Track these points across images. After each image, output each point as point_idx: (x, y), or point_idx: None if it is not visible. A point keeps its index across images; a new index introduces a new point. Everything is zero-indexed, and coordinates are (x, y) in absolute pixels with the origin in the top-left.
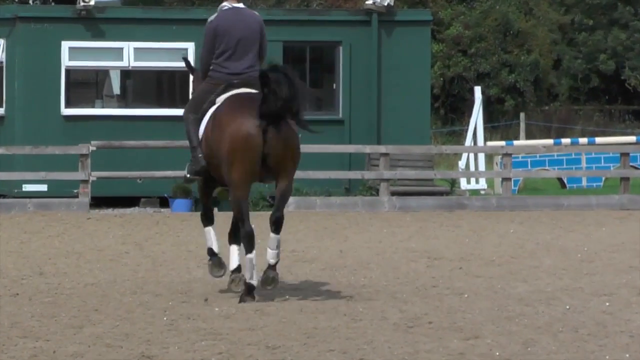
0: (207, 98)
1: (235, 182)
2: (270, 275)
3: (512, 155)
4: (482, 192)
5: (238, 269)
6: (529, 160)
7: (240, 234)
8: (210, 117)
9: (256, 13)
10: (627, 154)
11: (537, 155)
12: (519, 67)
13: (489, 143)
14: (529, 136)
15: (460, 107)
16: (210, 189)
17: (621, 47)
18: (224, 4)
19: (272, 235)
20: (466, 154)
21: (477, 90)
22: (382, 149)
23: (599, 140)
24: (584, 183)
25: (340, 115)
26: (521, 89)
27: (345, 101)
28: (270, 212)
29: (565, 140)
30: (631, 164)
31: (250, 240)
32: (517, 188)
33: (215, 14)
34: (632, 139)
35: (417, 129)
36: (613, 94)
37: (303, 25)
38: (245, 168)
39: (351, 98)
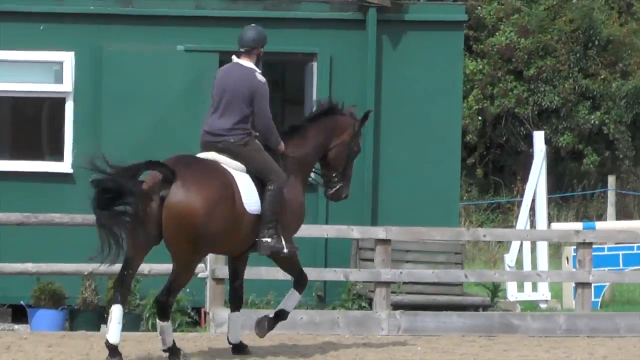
0: None
1: None
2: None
3: (594, 246)
4: (544, 305)
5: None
6: (620, 254)
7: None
8: None
9: (257, 72)
10: None
11: (635, 246)
12: (608, 101)
13: (556, 225)
14: (621, 214)
15: (510, 164)
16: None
17: None
18: (233, 57)
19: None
20: (518, 242)
21: (539, 137)
22: (380, 232)
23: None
24: None
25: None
26: (612, 137)
27: None
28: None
29: None
30: None
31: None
32: (600, 299)
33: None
34: None
35: (438, 199)
36: None
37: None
38: None
39: None
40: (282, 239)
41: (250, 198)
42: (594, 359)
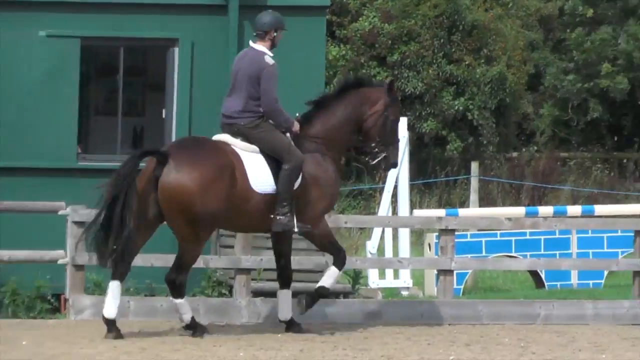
0: None
1: None
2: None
3: (456, 233)
4: (405, 292)
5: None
6: (483, 241)
7: None
8: None
9: (266, 54)
10: None
11: (498, 233)
12: (472, 87)
13: (418, 212)
14: (485, 201)
15: None
16: None
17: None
18: (250, 41)
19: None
20: (379, 228)
21: (402, 123)
22: None
23: (600, 209)
24: (574, 280)
25: None
26: (476, 123)
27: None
28: None
29: (545, 210)
30: None
31: None
32: (462, 287)
33: None
34: None
35: None
36: (626, 132)
37: (112, 11)
38: None
39: (191, 133)
40: (294, 217)
41: (259, 178)
42: (455, 346)
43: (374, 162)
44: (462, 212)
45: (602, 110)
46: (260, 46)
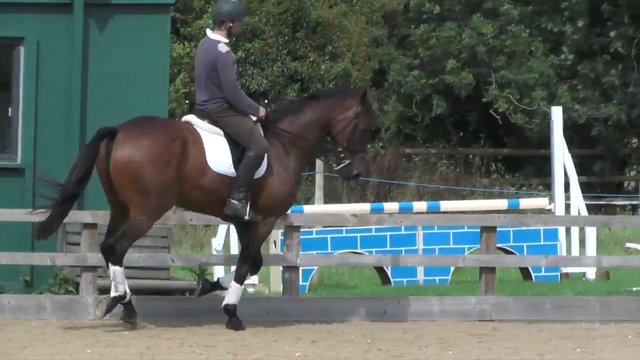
0: None
1: None
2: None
3: (302, 229)
4: (251, 289)
5: None
6: (329, 237)
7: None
8: None
9: (220, 42)
10: (492, 229)
11: (343, 229)
12: (317, 83)
13: None
14: (330, 198)
15: None
16: None
17: (484, 49)
18: (206, 30)
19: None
20: (224, 226)
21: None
22: (87, 216)
23: (446, 205)
24: (420, 276)
25: (19, 160)
26: None
27: (28, 137)
28: None
29: (391, 206)
30: (499, 244)
31: None
32: (308, 283)
33: None
34: (502, 203)
35: None
36: (471, 127)
37: None
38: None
39: (37, 132)
40: (248, 205)
41: (217, 158)
42: (301, 342)
43: (337, 167)
44: (307, 208)
45: (447, 106)
46: (216, 35)
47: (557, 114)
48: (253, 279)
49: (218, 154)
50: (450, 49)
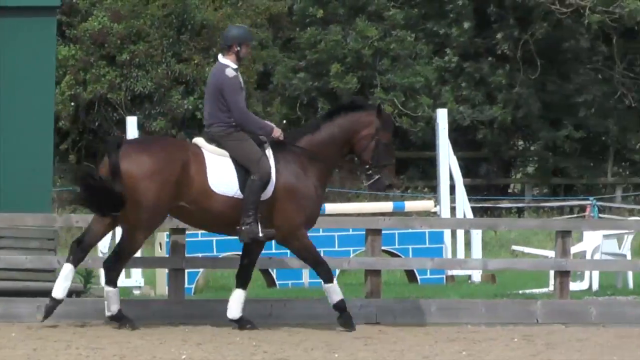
0: None
1: None
2: None
3: (187, 232)
4: (137, 292)
5: None
6: (214, 240)
7: None
8: None
9: (228, 67)
10: (377, 232)
11: None
12: (202, 85)
13: None
14: None
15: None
16: None
17: (369, 52)
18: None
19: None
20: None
21: (132, 122)
22: None
23: (331, 208)
24: (306, 279)
25: None
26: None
27: None
28: None
29: None
30: (384, 247)
31: None
32: (194, 286)
33: None
34: (387, 205)
35: (31, 184)
36: None
37: None
38: None
39: None
40: (259, 225)
41: (221, 180)
42: (187, 345)
43: (368, 183)
44: None
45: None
46: (224, 59)
47: (442, 116)
48: (140, 281)
49: (222, 176)
50: (336, 52)
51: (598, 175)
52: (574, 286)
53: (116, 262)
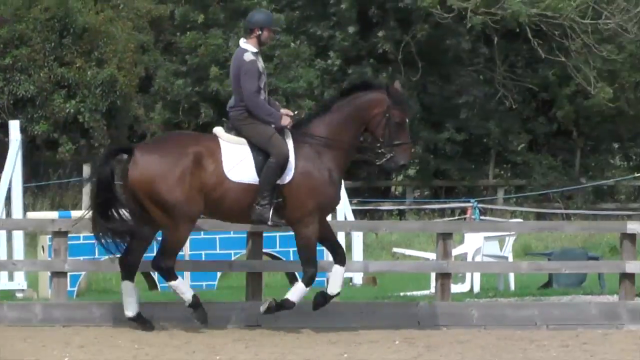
0: None
1: None
2: None
3: (70, 235)
4: (20, 295)
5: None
6: (96, 243)
7: None
8: None
9: (247, 52)
10: (258, 234)
11: None
12: (84, 89)
13: (32, 214)
14: None
15: None
16: None
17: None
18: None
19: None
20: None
21: (14, 126)
22: None
23: None
24: (188, 282)
25: None
26: (87, 125)
27: None
28: None
29: None
30: (265, 249)
31: None
32: (76, 288)
33: None
34: None
35: None
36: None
37: None
38: None
39: None
40: (271, 211)
41: (236, 167)
42: (70, 348)
43: (380, 162)
44: (74, 214)
45: (214, 113)
46: (245, 44)
47: None
48: (22, 285)
49: (238, 164)
50: (217, 56)
51: (479, 177)
52: (455, 288)
53: (162, 260)
